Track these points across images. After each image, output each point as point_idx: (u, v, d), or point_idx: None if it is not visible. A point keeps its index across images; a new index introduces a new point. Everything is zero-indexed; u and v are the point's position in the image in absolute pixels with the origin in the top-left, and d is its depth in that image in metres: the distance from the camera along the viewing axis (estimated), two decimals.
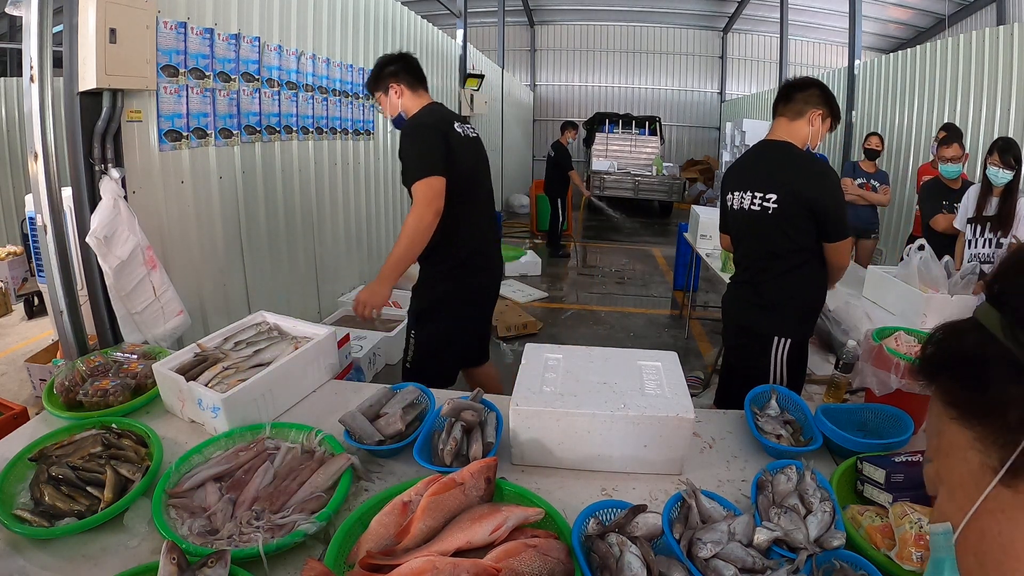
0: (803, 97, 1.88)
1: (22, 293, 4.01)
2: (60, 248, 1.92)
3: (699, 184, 12.60)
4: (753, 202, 1.92)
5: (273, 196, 3.41)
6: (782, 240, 1.89)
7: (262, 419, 1.43)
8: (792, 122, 1.90)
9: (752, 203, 1.93)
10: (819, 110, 1.88)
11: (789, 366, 1.95)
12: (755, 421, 1.46)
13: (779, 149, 1.91)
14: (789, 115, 1.91)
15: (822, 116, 1.89)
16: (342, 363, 3.23)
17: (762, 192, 1.90)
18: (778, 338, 1.94)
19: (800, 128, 1.90)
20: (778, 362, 1.94)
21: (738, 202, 1.99)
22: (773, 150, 1.93)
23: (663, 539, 1.02)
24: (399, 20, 5.05)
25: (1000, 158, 2.75)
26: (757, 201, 1.91)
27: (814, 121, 1.89)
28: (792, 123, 1.90)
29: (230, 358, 1.57)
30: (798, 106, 1.89)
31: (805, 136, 1.90)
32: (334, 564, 0.98)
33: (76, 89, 2.00)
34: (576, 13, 14.08)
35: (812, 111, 1.88)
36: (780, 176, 1.87)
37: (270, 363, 1.55)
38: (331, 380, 1.73)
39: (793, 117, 1.90)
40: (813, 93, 1.88)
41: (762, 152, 1.97)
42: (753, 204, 1.92)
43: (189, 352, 1.59)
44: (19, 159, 5.37)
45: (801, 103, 1.89)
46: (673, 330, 4.90)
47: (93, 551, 1.07)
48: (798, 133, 1.90)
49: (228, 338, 1.69)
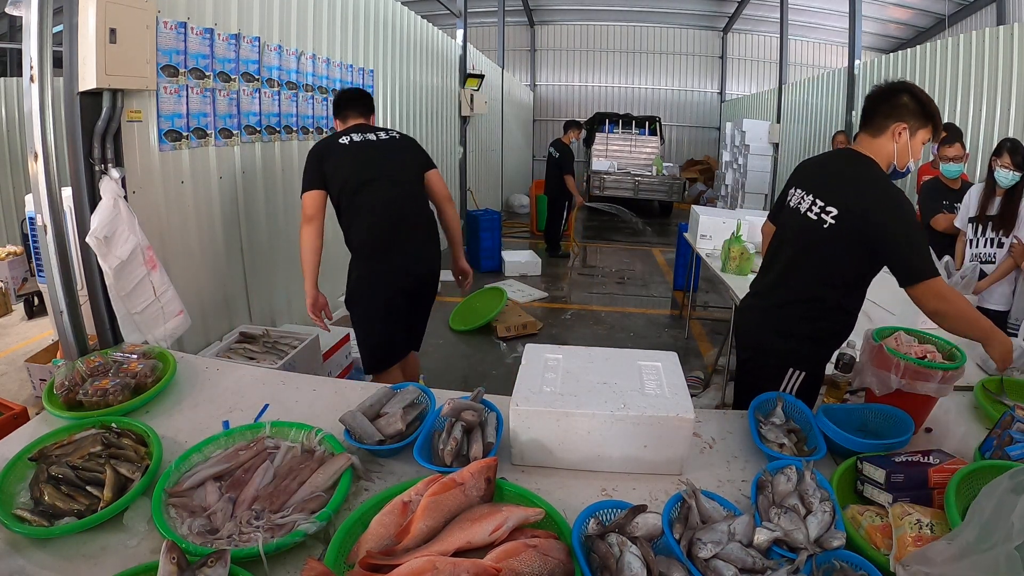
0: (884, 110, 1.61)
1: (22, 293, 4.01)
2: (60, 248, 1.92)
3: (699, 184, 12.61)
4: (812, 208, 1.67)
5: (273, 196, 3.41)
6: (829, 260, 1.65)
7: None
8: (875, 139, 1.64)
9: (811, 209, 1.68)
10: (904, 123, 1.59)
11: (800, 394, 1.75)
12: (758, 429, 1.45)
13: (858, 161, 1.65)
14: (871, 131, 1.64)
15: (910, 128, 1.59)
16: (342, 363, 3.26)
17: (824, 201, 1.64)
18: (793, 370, 1.76)
19: (883, 145, 1.62)
20: (788, 390, 1.77)
21: (796, 200, 1.75)
22: (852, 160, 1.67)
23: (663, 539, 1.02)
24: (399, 20, 5.05)
25: (1011, 159, 2.75)
26: (816, 209, 1.66)
27: (899, 136, 1.60)
28: (875, 140, 1.64)
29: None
30: (878, 120, 1.62)
31: (889, 154, 1.62)
32: (334, 564, 0.98)
33: (76, 89, 1.99)
34: (576, 13, 14.07)
35: (895, 125, 1.59)
36: (848, 190, 1.61)
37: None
38: (331, 380, 1.73)
39: (875, 134, 1.64)
40: (896, 103, 1.60)
41: (839, 157, 1.74)
42: (811, 211, 1.67)
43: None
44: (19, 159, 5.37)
45: (882, 117, 1.61)
46: (673, 330, 4.90)
47: (93, 550, 1.07)
48: (881, 151, 1.63)
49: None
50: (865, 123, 1.67)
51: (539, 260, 6.51)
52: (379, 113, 4.74)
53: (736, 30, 14.01)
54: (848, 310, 1.74)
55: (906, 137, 1.60)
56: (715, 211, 4.69)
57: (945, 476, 1.13)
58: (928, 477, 1.15)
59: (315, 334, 3.06)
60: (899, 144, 1.61)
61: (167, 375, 1.65)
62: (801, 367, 1.76)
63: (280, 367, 2.64)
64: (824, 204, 1.64)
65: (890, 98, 1.61)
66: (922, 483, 1.15)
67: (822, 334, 1.76)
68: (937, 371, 1.43)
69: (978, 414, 1.65)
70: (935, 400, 1.53)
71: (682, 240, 5.03)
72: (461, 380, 3.76)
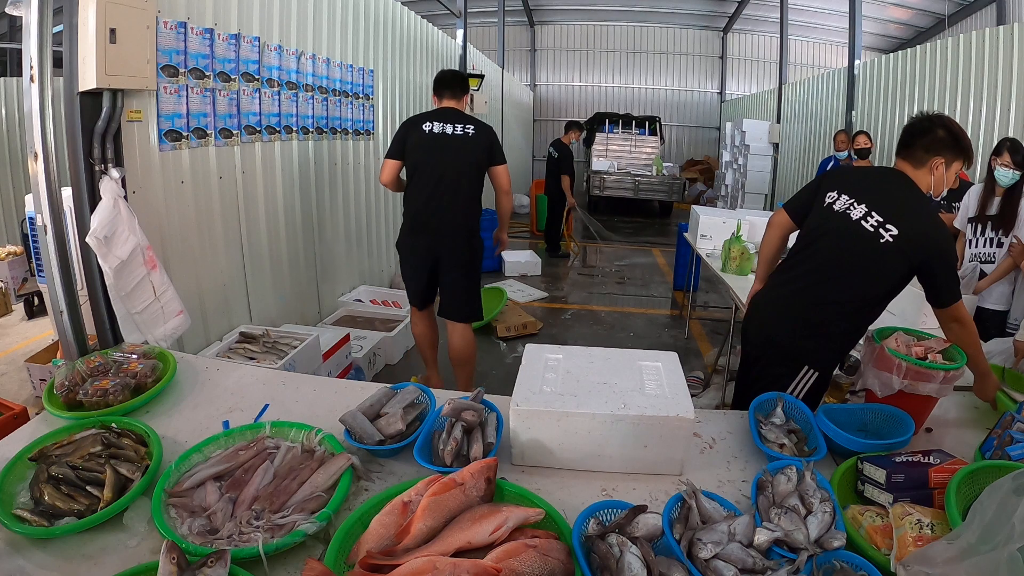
0: (923, 144, 1.68)
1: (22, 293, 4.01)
2: (60, 248, 1.92)
3: (699, 184, 12.61)
4: (867, 219, 1.69)
5: (273, 196, 3.41)
6: (872, 275, 1.70)
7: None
8: (916, 170, 1.70)
9: (866, 219, 1.69)
10: (941, 158, 1.66)
11: (808, 394, 1.80)
12: (759, 429, 1.45)
13: (912, 188, 1.70)
14: (912, 162, 1.70)
15: (945, 163, 1.67)
16: (342, 363, 3.26)
17: (883, 218, 1.67)
18: (808, 368, 1.79)
19: (923, 176, 1.69)
20: (799, 389, 1.80)
21: (844, 205, 1.75)
22: (907, 185, 1.71)
23: (663, 539, 1.02)
24: (399, 20, 5.05)
25: (1011, 158, 2.74)
26: (873, 222, 1.68)
27: (936, 170, 1.67)
28: (916, 171, 1.70)
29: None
30: (918, 153, 1.69)
31: (927, 185, 1.70)
32: (334, 564, 0.97)
33: (76, 89, 1.99)
34: (576, 13, 14.08)
35: (934, 159, 1.67)
36: (908, 214, 1.66)
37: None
38: (331, 380, 1.73)
39: (916, 165, 1.70)
40: (934, 138, 1.67)
41: (894, 180, 1.74)
42: (866, 220, 1.69)
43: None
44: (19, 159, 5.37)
45: (921, 150, 1.68)
46: (673, 330, 4.90)
47: (93, 550, 1.07)
48: (921, 180, 1.70)
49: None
50: (904, 153, 1.73)
51: (539, 260, 6.51)
52: (379, 113, 4.74)
53: (736, 30, 14.02)
54: (869, 318, 1.79)
55: (943, 171, 1.68)
56: (715, 211, 4.69)
57: (945, 476, 1.13)
58: (928, 477, 1.15)
59: (315, 334, 3.06)
60: (936, 176, 1.69)
61: (167, 375, 1.65)
62: (817, 367, 1.78)
63: (280, 367, 2.64)
64: (883, 220, 1.67)
65: (928, 132, 1.68)
66: (922, 483, 1.15)
67: (845, 337, 1.80)
68: (938, 371, 1.43)
69: (977, 413, 1.65)
70: (935, 400, 1.53)
71: (682, 240, 5.03)
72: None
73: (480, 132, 2.89)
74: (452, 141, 2.84)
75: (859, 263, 1.71)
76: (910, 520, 1.02)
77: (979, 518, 0.91)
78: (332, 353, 3.17)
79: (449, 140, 2.83)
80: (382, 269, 5.04)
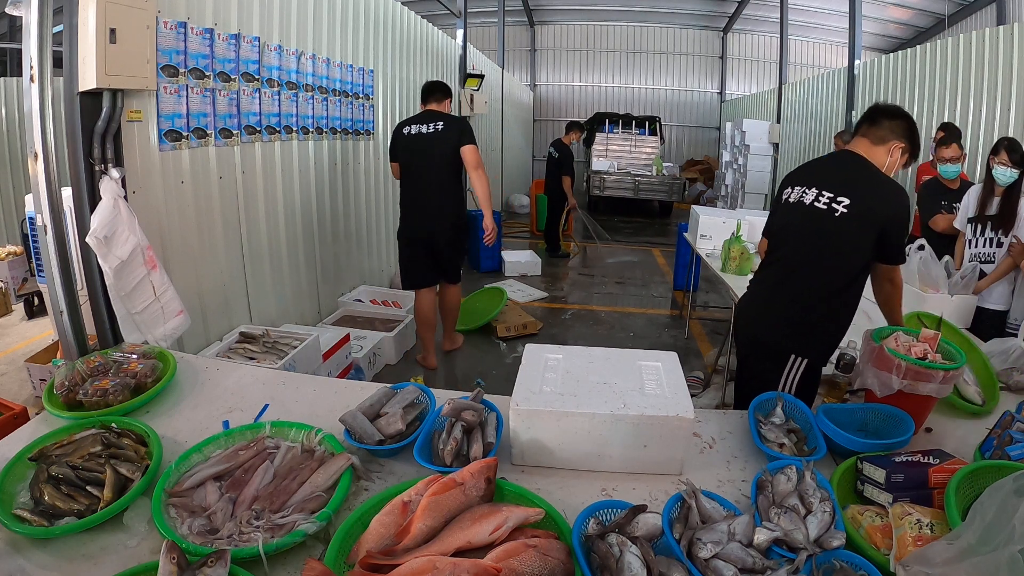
0: (890, 125, 1.79)
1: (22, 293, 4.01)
2: (60, 248, 1.92)
3: (699, 184, 12.61)
4: (819, 199, 1.80)
5: (273, 196, 3.41)
6: (836, 248, 1.78)
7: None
8: (873, 146, 1.81)
9: (818, 200, 1.80)
10: (902, 143, 1.78)
11: (800, 386, 1.84)
12: (758, 429, 1.45)
13: (860, 161, 1.81)
14: (872, 138, 1.81)
15: (903, 150, 1.79)
16: (342, 363, 3.26)
17: (834, 193, 1.78)
18: (796, 356, 1.84)
19: (879, 154, 1.80)
20: (790, 380, 1.84)
21: (798, 195, 1.87)
22: (854, 161, 1.82)
23: (663, 539, 1.02)
24: (399, 20, 5.05)
25: (1008, 157, 2.74)
26: (825, 200, 1.79)
27: (894, 152, 1.79)
28: (873, 147, 1.81)
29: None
30: (883, 132, 1.79)
31: (882, 163, 1.80)
32: (334, 564, 0.97)
33: (76, 89, 1.99)
34: (576, 13, 14.07)
35: (895, 142, 1.78)
36: (859, 184, 1.77)
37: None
38: (331, 380, 1.73)
39: (875, 142, 1.80)
40: (900, 124, 1.79)
41: (841, 159, 1.88)
42: (818, 201, 1.80)
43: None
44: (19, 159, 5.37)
45: (887, 131, 1.79)
46: (673, 330, 4.90)
47: (93, 550, 1.07)
48: (876, 158, 1.80)
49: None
50: (867, 130, 1.82)
51: (539, 260, 6.51)
52: (379, 113, 4.75)
53: (736, 30, 14.01)
54: (848, 301, 1.82)
55: (898, 155, 1.79)
56: (715, 211, 4.69)
57: (945, 476, 1.13)
58: (928, 477, 1.15)
59: (315, 334, 3.06)
60: (891, 159, 1.80)
61: (167, 375, 1.65)
62: (803, 354, 1.82)
63: (280, 367, 2.64)
64: (834, 195, 1.77)
65: (897, 117, 1.80)
66: (922, 483, 1.15)
67: (828, 323, 1.83)
68: (937, 371, 1.43)
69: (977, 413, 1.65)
70: (935, 400, 1.53)
71: (682, 240, 5.03)
72: (461, 380, 3.76)
73: (448, 125, 3.36)
74: (426, 139, 3.35)
75: (821, 243, 1.80)
76: (910, 520, 1.02)
77: (979, 519, 0.91)
78: (332, 353, 3.17)
79: (424, 138, 3.36)
80: (382, 269, 5.04)
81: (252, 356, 2.79)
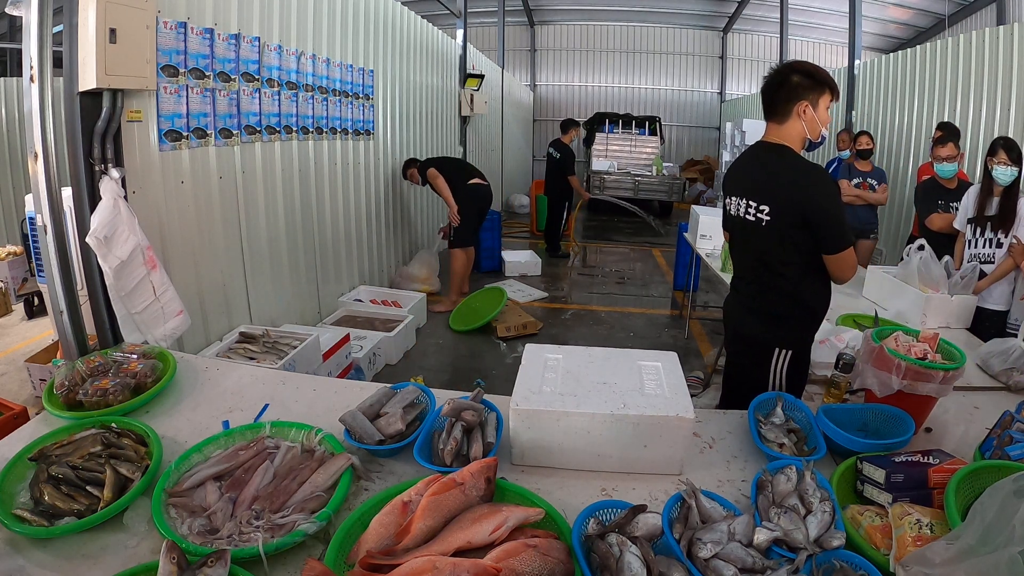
0: (782, 95, 1.71)
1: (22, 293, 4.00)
2: (60, 248, 1.92)
3: (699, 184, 12.59)
4: (748, 211, 1.80)
5: (273, 196, 3.41)
6: (778, 252, 1.76)
7: None
8: (782, 126, 1.74)
9: (747, 211, 1.81)
10: (803, 100, 1.68)
11: (789, 376, 1.86)
12: (758, 429, 1.45)
13: (773, 154, 1.76)
14: (777, 120, 1.75)
15: (810, 100, 1.68)
16: (342, 363, 3.26)
17: (756, 202, 1.77)
18: (779, 349, 1.84)
19: (792, 127, 1.72)
20: (778, 372, 1.85)
21: (735, 208, 1.88)
22: (767, 154, 1.78)
23: (663, 539, 1.02)
24: (399, 20, 5.05)
25: (1007, 156, 2.74)
26: (752, 211, 1.78)
27: (805, 113, 1.69)
28: (782, 127, 1.74)
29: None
30: (781, 108, 1.72)
31: (800, 132, 1.72)
32: (334, 564, 0.98)
33: (76, 89, 1.99)
34: (576, 13, 14.06)
35: (797, 105, 1.69)
36: (772, 186, 1.74)
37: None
38: (331, 380, 1.73)
39: (781, 121, 1.74)
40: (790, 86, 1.69)
41: (756, 156, 1.84)
42: (748, 213, 1.80)
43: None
44: (19, 159, 5.36)
45: (782, 103, 1.71)
46: (673, 330, 4.90)
47: (93, 550, 1.07)
48: (792, 133, 1.73)
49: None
50: (769, 114, 1.77)
51: (539, 260, 6.51)
52: (379, 113, 4.75)
53: (736, 30, 14.00)
54: (815, 287, 1.81)
55: (811, 111, 1.70)
56: (715, 211, 4.68)
57: (945, 476, 1.13)
58: (928, 477, 1.15)
59: (315, 334, 3.06)
60: (807, 120, 1.71)
61: (167, 375, 1.65)
62: (786, 346, 1.85)
63: (280, 367, 2.64)
64: (757, 204, 1.77)
65: (783, 84, 1.71)
66: (922, 483, 1.15)
67: (798, 312, 1.84)
68: (937, 371, 1.43)
69: (978, 414, 1.65)
70: (935, 400, 1.53)
71: (682, 240, 5.03)
72: (461, 380, 3.76)
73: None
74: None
75: (762, 248, 1.81)
76: (909, 520, 1.02)
77: (979, 519, 0.91)
78: (332, 353, 3.17)
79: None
80: (382, 269, 5.04)
81: (252, 356, 2.79)
